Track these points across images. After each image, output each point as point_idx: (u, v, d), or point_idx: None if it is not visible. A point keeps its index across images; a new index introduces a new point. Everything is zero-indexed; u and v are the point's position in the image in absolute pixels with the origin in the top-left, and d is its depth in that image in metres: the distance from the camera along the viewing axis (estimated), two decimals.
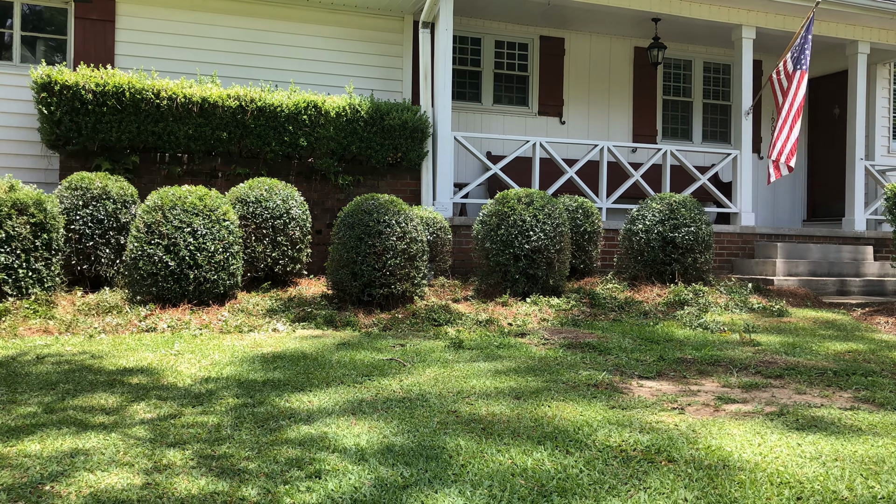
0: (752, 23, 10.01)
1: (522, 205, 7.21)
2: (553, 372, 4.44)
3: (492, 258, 7.17)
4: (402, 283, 6.62)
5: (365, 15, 9.53)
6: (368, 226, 6.56)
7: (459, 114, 10.66)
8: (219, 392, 3.86)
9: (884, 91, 12.15)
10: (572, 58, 11.33)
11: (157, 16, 8.78)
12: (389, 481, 2.62)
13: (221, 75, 8.78)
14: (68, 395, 3.76)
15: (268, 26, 9.18)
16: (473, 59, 10.93)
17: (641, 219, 7.92)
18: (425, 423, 3.34)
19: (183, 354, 4.81)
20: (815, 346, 5.47)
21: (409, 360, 4.73)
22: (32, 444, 2.98)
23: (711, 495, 2.55)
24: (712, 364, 4.80)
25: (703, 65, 12.17)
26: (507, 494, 2.53)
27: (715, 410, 3.67)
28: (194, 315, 6.07)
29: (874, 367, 4.74)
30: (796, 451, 3.01)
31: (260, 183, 7.32)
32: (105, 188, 6.90)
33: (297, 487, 2.56)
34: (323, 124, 8.29)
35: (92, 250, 6.80)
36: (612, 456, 2.92)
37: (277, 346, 5.16)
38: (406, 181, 9.00)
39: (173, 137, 7.84)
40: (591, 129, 11.41)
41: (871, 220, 11.47)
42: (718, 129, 12.31)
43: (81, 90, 7.47)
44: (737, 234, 9.93)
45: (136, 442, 3.04)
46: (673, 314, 6.78)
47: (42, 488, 2.52)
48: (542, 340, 5.54)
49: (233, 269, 6.49)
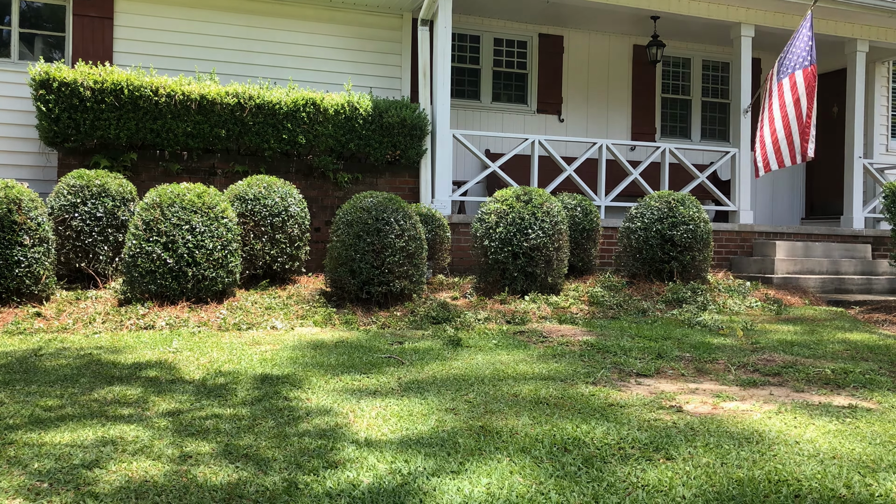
0: (751, 21, 10.00)
1: (521, 203, 7.21)
2: (552, 370, 4.44)
3: (490, 256, 7.17)
4: (401, 280, 6.62)
5: (364, 12, 9.52)
6: (367, 223, 6.56)
7: (458, 111, 10.66)
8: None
9: (882, 89, 12.16)
10: (571, 56, 11.33)
11: (156, 13, 8.76)
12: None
13: (220, 73, 8.76)
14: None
15: (266, 23, 9.17)
16: (472, 56, 10.92)
17: (640, 217, 7.92)
18: (423, 420, 3.35)
19: (181, 352, 4.81)
20: (813, 344, 5.47)
21: (407, 359, 4.73)
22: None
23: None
24: (710, 362, 4.80)
25: (702, 63, 12.17)
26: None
27: (714, 408, 3.67)
28: (193, 313, 6.07)
29: (872, 367, 4.74)
30: (793, 449, 3.01)
31: (258, 180, 7.31)
32: (103, 185, 6.89)
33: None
34: (321, 122, 8.29)
35: (90, 247, 6.79)
36: (611, 453, 2.92)
37: (277, 344, 5.16)
38: (405, 179, 8.99)
39: (172, 135, 7.83)
40: (590, 127, 11.41)
41: (869, 219, 11.48)
42: (717, 128, 12.31)
43: (80, 87, 7.46)
44: (735, 232, 9.94)
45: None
46: (671, 312, 6.78)
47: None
48: (541, 339, 5.54)
49: (231, 266, 6.49)
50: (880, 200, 9.05)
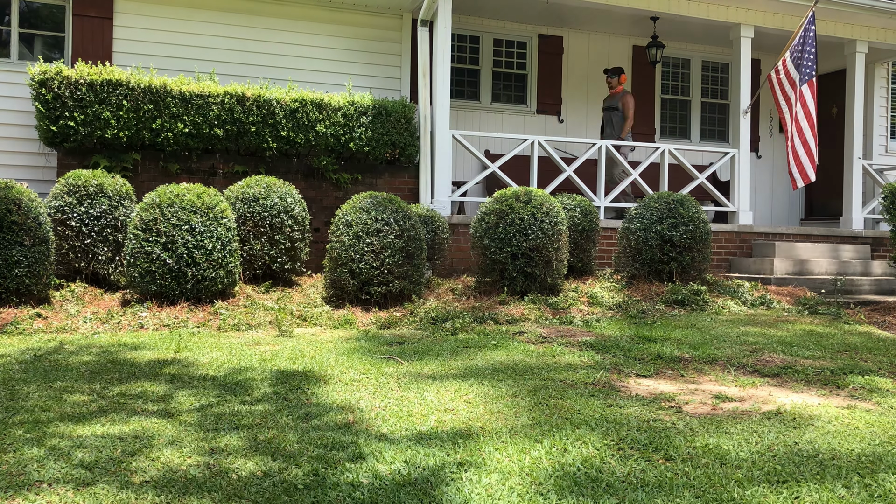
0: (751, 22, 10.01)
1: (521, 203, 7.21)
2: (551, 369, 4.44)
3: (490, 256, 7.17)
4: (401, 281, 6.62)
5: (363, 13, 9.52)
6: (367, 224, 6.56)
7: (458, 112, 10.66)
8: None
9: (882, 90, 12.17)
10: (571, 56, 11.33)
11: (155, 13, 8.76)
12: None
13: (219, 73, 8.76)
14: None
15: (266, 24, 9.16)
16: (472, 57, 10.92)
17: (639, 217, 7.92)
18: (423, 420, 3.36)
19: (182, 352, 4.81)
20: (812, 345, 5.48)
21: (406, 359, 4.73)
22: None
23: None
24: (709, 363, 4.80)
25: (702, 64, 12.18)
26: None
27: (713, 408, 3.68)
28: (192, 313, 6.07)
29: (871, 366, 4.74)
30: (792, 449, 3.02)
31: (258, 181, 7.32)
32: (100, 185, 6.88)
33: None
34: (321, 121, 8.28)
35: (89, 247, 6.79)
36: (611, 454, 2.93)
37: (276, 345, 5.16)
38: (404, 179, 9.00)
39: (171, 135, 7.82)
40: (590, 127, 11.41)
41: (868, 219, 11.48)
42: (716, 128, 12.32)
43: (79, 87, 7.46)
44: (734, 233, 9.94)
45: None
46: (670, 313, 6.79)
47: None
48: (540, 338, 5.55)
49: (231, 267, 6.49)
50: (879, 201, 9.05)
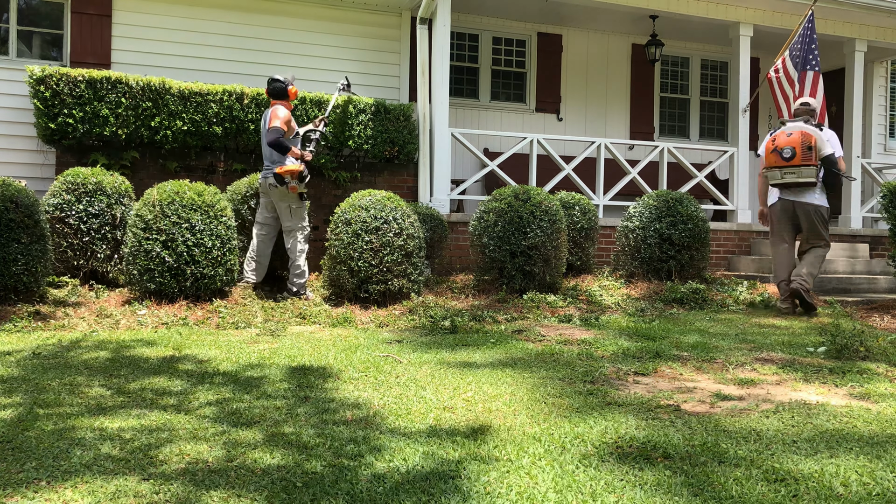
0: (750, 20, 10.01)
1: (520, 201, 7.21)
2: (549, 368, 4.44)
3: (489, 254, 7.17)
4: (399, 279, 6.62)
5: (363, 11, 9.51)
6: (365, 222, 6.56)
7: (457, 110, 10.65)
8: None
9: (881, 89, 12.17)
10: (570, 55, 11.33)
11: (154, 11, 8.75)
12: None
13: (218, 71, 8.76)
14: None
15: (265, 22, 9.16)
16: (471, 55, 10.92)
17: (638, 216, 7.92)
18: (422, 419, 3.36)
19: (182, 349, 4.81)
20: (810, 344, 5.48)
21: (405, 357, 4.74)
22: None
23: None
24: (708, 361, 4.81)
25: (701, 62, 12.18)
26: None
27: (711, 407, 3.68)
28: (191, 311, 6.07)
29: (871, 366, 4.75)
30: (791, 448, 3.02)
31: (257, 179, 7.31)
32: (99, 183, 6.87)
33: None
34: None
35: (88, 245, 6.78)
36: (611, 455, 2.93)
37: (275, 342, 5.16)
38: (403, 177, 8.99)
39: (170, 132, 7.81)
40: (589, 126, 11.41)
41: (867, 218, 11.48)
42: (715, 127, 12.32)
43: (77, 84, 7.45)
44: (733, 232, 9.95)
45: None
46: (669, 311, 6.79)
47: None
48: (538, 336, 5.55)
49: (230, 265, 6.48)
50: (878, 200, 9.06)
